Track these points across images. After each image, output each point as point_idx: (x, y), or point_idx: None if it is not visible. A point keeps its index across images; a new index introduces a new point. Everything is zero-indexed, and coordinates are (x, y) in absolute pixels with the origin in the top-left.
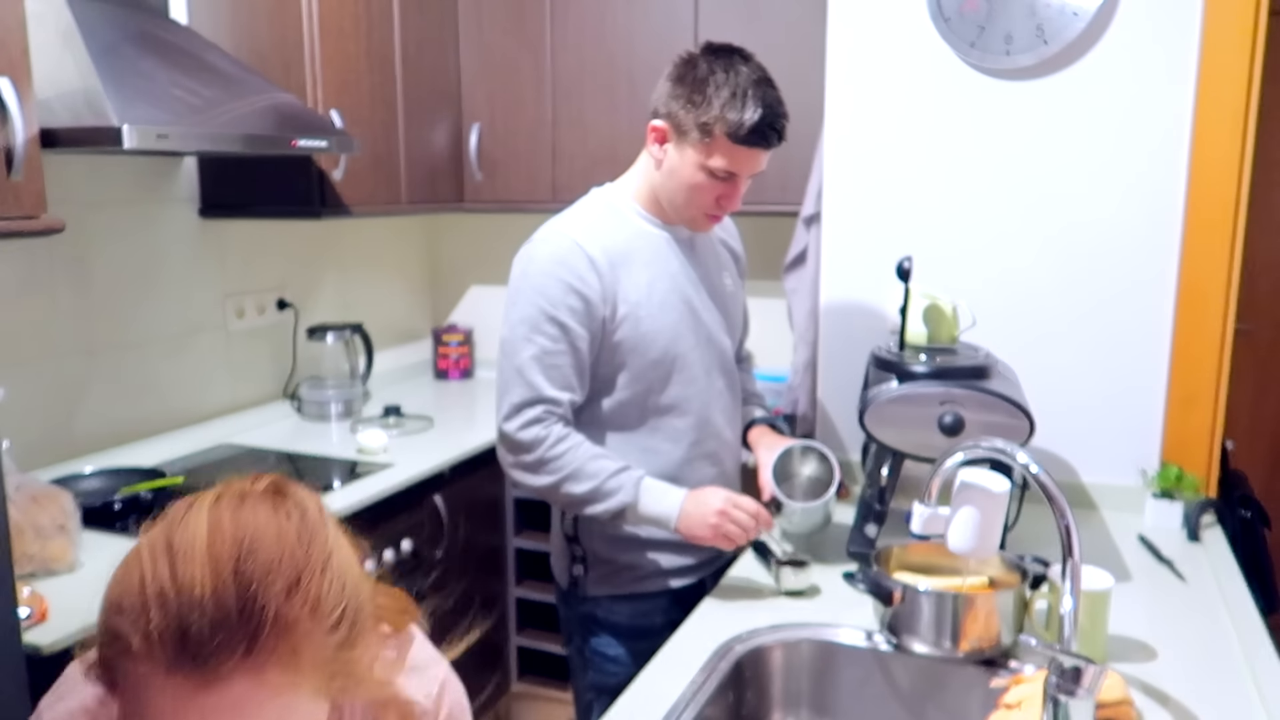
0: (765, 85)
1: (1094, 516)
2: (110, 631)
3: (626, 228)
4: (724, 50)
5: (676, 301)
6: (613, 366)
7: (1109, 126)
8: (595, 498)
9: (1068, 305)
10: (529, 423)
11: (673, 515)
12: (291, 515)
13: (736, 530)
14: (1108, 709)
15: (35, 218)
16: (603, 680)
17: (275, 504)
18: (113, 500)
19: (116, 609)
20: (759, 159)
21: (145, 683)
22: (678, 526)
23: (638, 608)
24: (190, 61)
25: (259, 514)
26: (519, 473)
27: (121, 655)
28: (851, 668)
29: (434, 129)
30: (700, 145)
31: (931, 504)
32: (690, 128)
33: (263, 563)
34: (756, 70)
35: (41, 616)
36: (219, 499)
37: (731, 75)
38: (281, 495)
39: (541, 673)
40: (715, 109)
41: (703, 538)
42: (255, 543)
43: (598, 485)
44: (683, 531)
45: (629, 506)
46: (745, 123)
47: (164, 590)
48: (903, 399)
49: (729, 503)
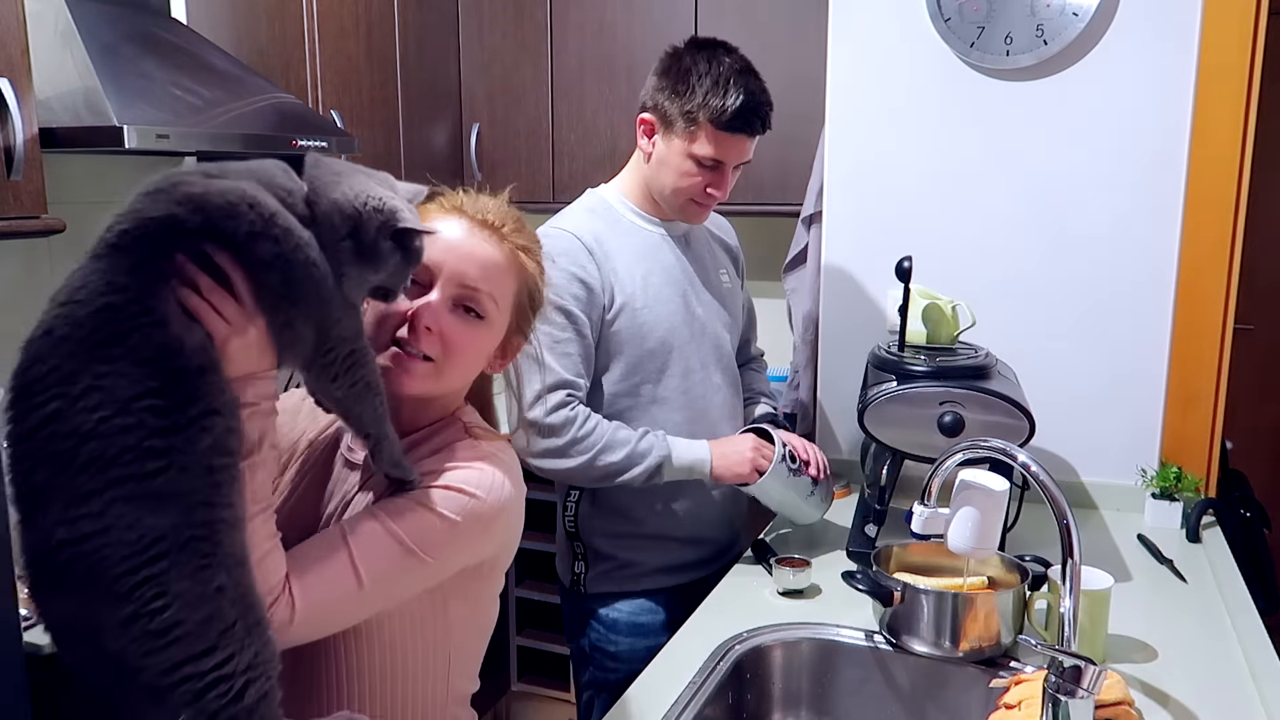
0: (748, 74)
1: (1094, 516)
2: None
3: (621, 225)
4: (707, 43)
5: (672, 295)
6: (609, 357)
7: (1109, 126)
8: (631, 462)
9: (1067, 305)
10: (557, 406)
11: (705, 459)
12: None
13: (766, 455)
14: (1108, 709)
15: (35, 218)
16: (603, 677)
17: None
18: None
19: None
20: (744, 146)
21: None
22: (713, 470)
23: (638, 605)
24: (190, 61)
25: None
26: (548, 460)
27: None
28: (851, 668)
29: (434, 129)
30: (686, 134)
31: (931, 504)
32: (676, 117)
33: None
34: (739, 60)
35: None
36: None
37: (714, 65)
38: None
39: (541, 673)
40: (699, 97)
41: (742, 474)
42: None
43: (631, 450)
44: (719, 472)
45: (665, 459)
46: (728, 109)
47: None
48: (902, 399)
49: (757, 441)
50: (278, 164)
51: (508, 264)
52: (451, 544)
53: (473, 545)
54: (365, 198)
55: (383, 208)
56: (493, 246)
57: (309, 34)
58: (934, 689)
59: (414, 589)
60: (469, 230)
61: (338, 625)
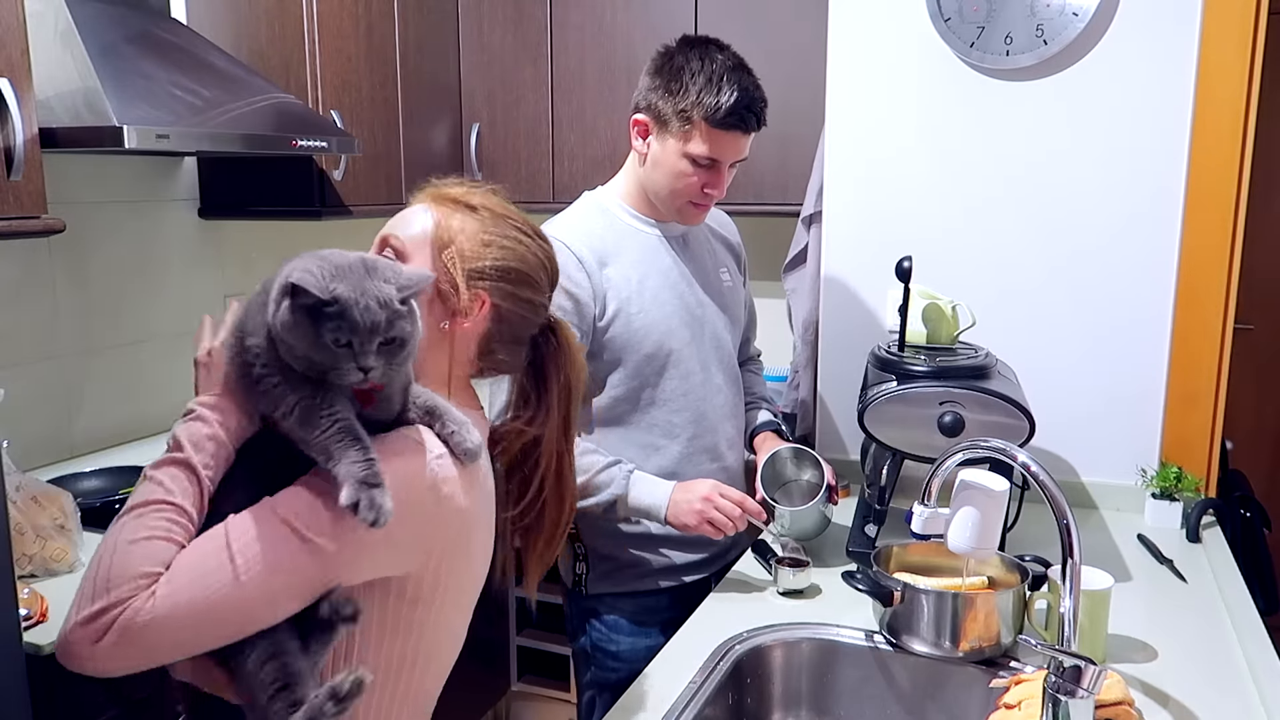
0: (741, 71)
1: (1094, 516)
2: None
3: (616, 227)
4: (699, 41)
5: (670, 297)
6: (606, 364)
7: (1109, 127)
8: (585, 492)
9: (1067, 305)
10: None
11: (662, 505)
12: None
13: (721, 518)
14: (1108, 709)
15: (35, 218)
16: (604, 677)
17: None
18: (113, 500)
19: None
20: (740, 144)
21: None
22: (666, 516)
23: (639, 605)
24: (190, 61)
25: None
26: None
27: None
28: (851, 667)
29: (434, 129)
30: (681, 133)
31: (931, 504)
32: (670, 117)
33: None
34: (732, 58)
35: (42, 617)
36: None
37: (706, 62)
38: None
39: (541, 673)
40: (692, 95)
41: (690, 526)
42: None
43: (587, 480)
44: (671, 521)
45: (620, 499)
46: (722, 106)
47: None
48: (902, 399)
49: (715, 490)
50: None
51: (418, 210)
52: (346, 530)
53: (378, 545)
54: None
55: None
56: (415, 201)
57: (309, 34)
58: (934, 689)
59: (307, 583)
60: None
61: (211, 631)
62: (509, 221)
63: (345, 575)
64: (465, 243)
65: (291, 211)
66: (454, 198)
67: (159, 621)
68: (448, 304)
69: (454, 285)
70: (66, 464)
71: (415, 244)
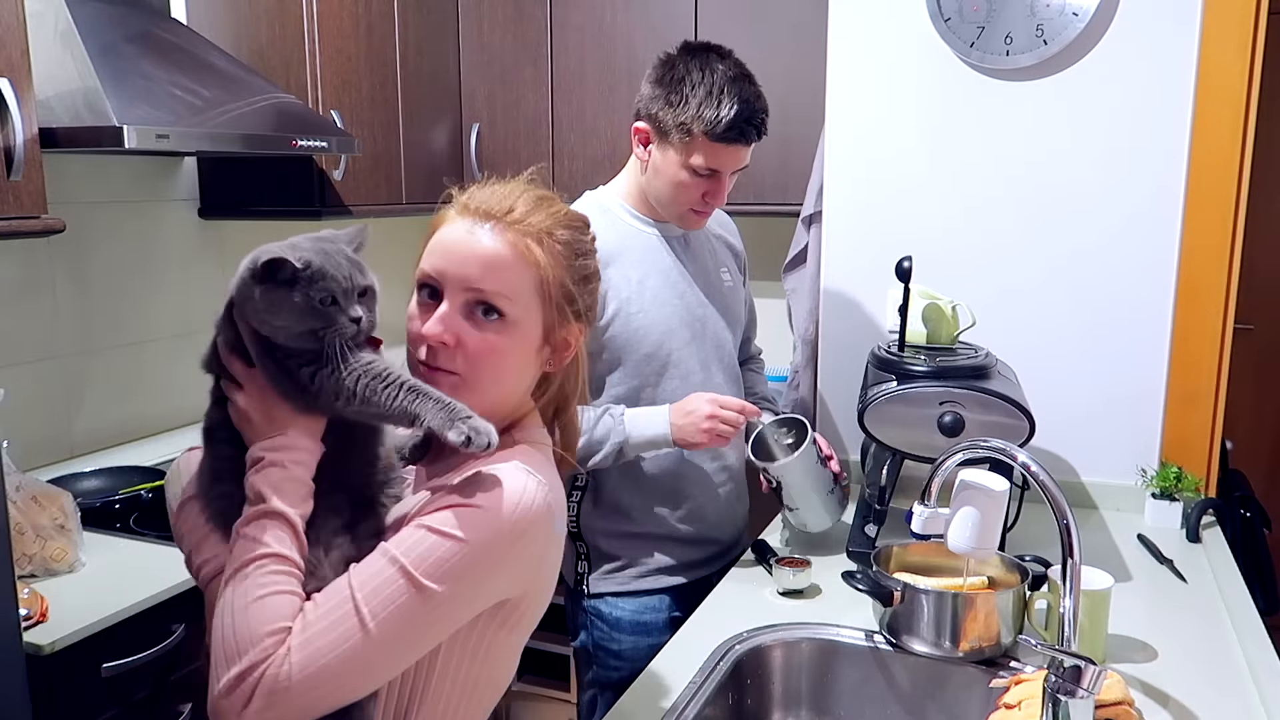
0: (742, 81)
1: (1094, 516)
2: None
3: (617, 227)
4: (700, 49)
5: (670, 297)
6: (606, 364)
7: (1109, 127)
8: (591, 449)
9: (1067, 305)
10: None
11: (665, 433)
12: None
13: (727, 427)
14: (1108, 709)
15: (35, 218)
16: (605, 676)
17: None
18: (113, 500)
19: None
20: (740, 154)
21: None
22: (675, 439)
23: (640, 604)
24: (190, 61)
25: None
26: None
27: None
28: (851, 667)
29: (434, 129)
30: (681, 145)
31: (931, 504)
32: (670, 128)
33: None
34: (734, 67)
35: (42, 616)
36: None
37: (707, 74)
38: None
39: (541, 673)
40: (692, 108)
41: (700, 442)
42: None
43: (588, 439)
44: (679, 442)
45: (624, 442)
46: (722, 120)
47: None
48: (902, 399)
49: (714, 404)
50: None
51: (512, 253)
52: (464, 570)
53: (490, 573)
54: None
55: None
56: (493, 239)
57: (309, 34)
58: (934, 689)
59: (428, 634)
60: (469, 228)
61: (351, 684)
62: (576, 235)
63: (463, 614)
64: (560, 282)
65: (291, 211)
66: (529, 229)
67: (300, 676)
68: (553, 346)
69: (564, 327)
70: (66, 464)
71: (518, 293)
